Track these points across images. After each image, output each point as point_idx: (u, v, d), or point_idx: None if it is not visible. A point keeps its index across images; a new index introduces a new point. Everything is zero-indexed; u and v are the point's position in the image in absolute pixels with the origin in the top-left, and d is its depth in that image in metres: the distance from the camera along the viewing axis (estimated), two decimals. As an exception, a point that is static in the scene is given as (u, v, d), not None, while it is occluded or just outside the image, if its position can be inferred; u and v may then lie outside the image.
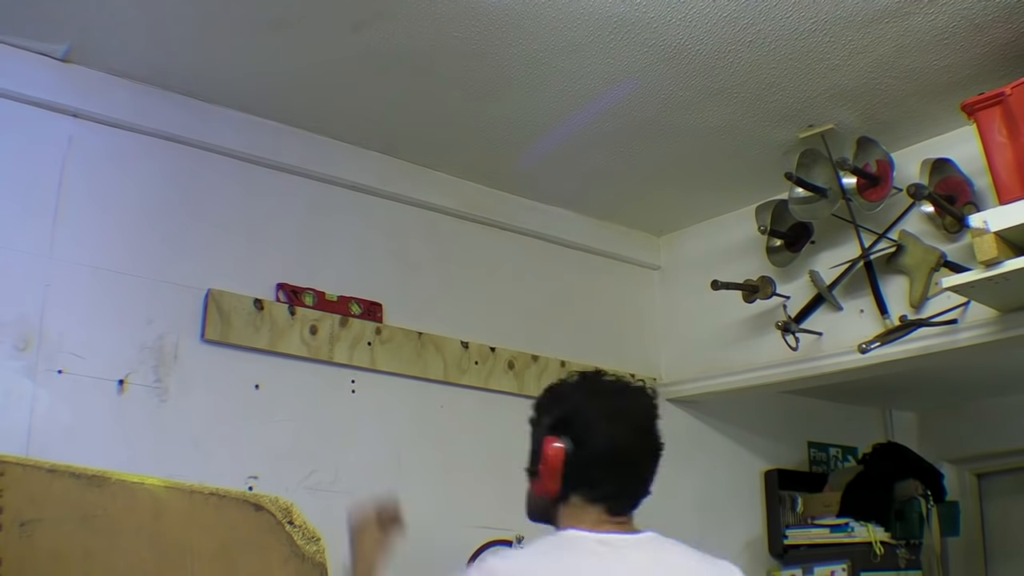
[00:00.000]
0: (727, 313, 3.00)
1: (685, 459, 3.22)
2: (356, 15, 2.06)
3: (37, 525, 1.92)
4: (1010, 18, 2.05)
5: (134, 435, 2.17)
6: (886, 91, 2.36)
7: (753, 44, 2.15)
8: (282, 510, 2.24)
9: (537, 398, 1.88)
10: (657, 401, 1.86)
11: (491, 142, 2.62)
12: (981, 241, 2.06)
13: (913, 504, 3.33)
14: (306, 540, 2.24)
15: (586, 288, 3.13)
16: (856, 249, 2.66)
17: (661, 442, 1.82)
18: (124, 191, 2.29)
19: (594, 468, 1.76)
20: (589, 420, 1.77)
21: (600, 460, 1.76)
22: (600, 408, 1.78)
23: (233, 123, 2.45)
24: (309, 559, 2.22)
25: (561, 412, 1.80)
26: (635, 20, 2.07)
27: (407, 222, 2.74)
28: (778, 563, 3.35)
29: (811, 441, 3.80)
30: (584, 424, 1.77)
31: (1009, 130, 2.10)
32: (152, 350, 2.23)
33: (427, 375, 2.65)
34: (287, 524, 2.23)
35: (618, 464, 1.77)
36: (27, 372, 2.07)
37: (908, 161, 2.55)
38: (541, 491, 1.80)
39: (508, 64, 2.24)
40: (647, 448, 1.81)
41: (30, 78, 2.18)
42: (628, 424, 1.77)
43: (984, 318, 2.37)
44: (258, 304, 2.38)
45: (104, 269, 2.21)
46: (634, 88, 2.34)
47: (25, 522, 1.90)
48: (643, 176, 2.84)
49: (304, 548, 2.23)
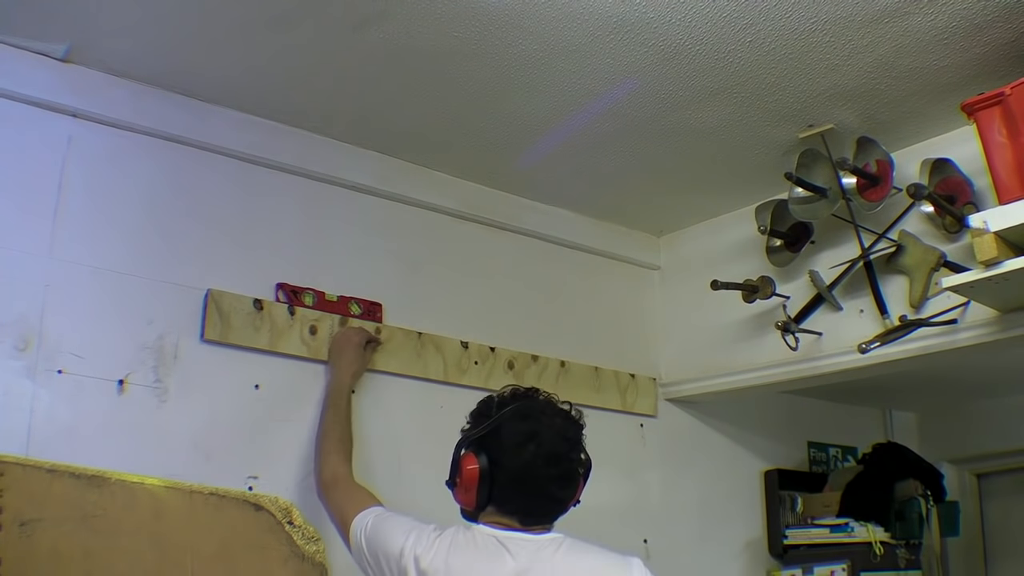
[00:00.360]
0: (727, 313, 3.00)
1: (685, 459, 3.23)
2: (356, 15, 2.06)
3: (37, 525, 1.92)
4: (1010, 18, 2.05)
5: (134, 435, 2.16)
6: (886, 91, 2.36)
7: (753, 44, 2.15)
8: (282, 510, 2.24)
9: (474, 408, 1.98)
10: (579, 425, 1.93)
11: (491, 142, 2.62)
12: (981, 241, 2.06)
13: (913, 504, 3.33)
14: (306, 540, 2.24)
15: (586, 288, 3.13)
16: (856, 249, 2.66)
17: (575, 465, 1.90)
18: (124, 191, 2.29)
19: (505, 488, 1.87)
20: (504, 443, 1.87)
21: (510, 481, 1.86)
22: (517, 432, 1.87)
23: (233, 123, 2.45)
24: (309, 559, 2.22)
25: (482, 431, 1.90)
26: (635, 20, 2.07)
27: (407, 222, 2.74)
28: (778, 563, 3.35)
29: (811, 441, 3.80)
30: (500, 446, 1.87)
31: (1009, 130, 2.10)
32: (152, 350, 2.23)
33: (427, 375, 2.65)
34: (287, 524, 2.23)
35: (526, 486, 1.86)
36: (27, 372, 2.07)
37: (908, 161, 2.55)
38: (461, 502, 1.93)
39: (508, 64, 2.24)
40: (559, 474, 1.87)
41: (30, 78, 2.18)
42: (541, 450, 1.85)
43: (984, 318, 2.37)
44: (258, 304, 2.38)
45: (104, 269, 2.21)
46: (634, 88, 2.34)
47: (25, 522, 1.90)
48: (643, 176, 2.84)
49: (304, 548, 2.23)
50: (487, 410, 1.94)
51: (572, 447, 1.89)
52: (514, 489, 1.86)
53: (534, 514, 1.88)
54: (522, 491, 1.86)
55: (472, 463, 1.87)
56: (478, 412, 1.97)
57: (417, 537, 1.86)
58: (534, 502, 1.88)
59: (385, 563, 1.88)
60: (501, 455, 1.86)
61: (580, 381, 2.96)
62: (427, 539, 1.85)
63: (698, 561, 3.15)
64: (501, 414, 1.89)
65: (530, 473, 1.84)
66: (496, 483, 1.86)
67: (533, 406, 1.91)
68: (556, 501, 1.89)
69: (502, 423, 1.88)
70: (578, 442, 1.91)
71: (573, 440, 1.90)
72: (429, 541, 1.85)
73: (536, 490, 1.86)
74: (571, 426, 1.91)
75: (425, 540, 1.85)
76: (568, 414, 1.93)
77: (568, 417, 1.92)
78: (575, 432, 1.91)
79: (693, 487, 3.21)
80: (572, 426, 1.91)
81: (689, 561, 3.12)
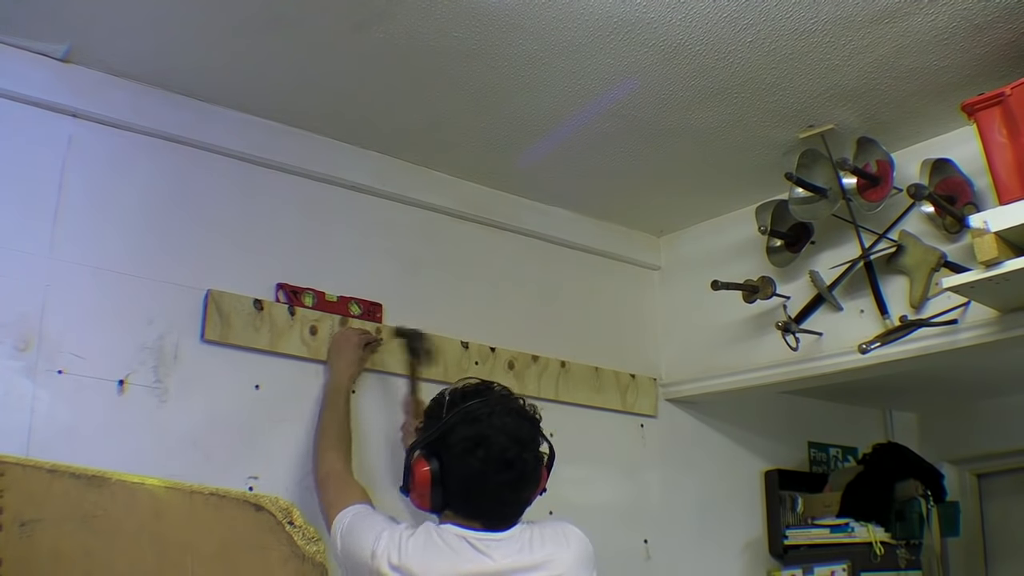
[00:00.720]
0: (727, 313, 3.00)
1: (685, 459, 3.23)
2: (356, 15, 2.06)
3: (37, 525, 1.92)
4: (1010, 18, 2.05)
5: (134, 435, 2.16)
6: (886, 91, 2.36)
7: (753, 44, 2.15)
8: (282, 510, 2.24)
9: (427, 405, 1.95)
10: (532, 421, 1.87)
11: (491, 142, 2.62)
12: (981, 241, 2.06)
13: (913, 504, 3.33)
14: (306, 540, 2.24)
15: (586, 288, 3.13)
16: (856, 249, 2.66)
17: (530, 467, 1.84)
18: (124, 191, 2.29)
19: (458, 494, 1.83)
20: (454, 447, 1.82)
21: (461, 488, 1.82)
22: (464, 436, 1.81)
23: (233, 123, 2.45)
24: (309, 559, 2.22)
25: (433, 433, 1.85)
26: (635, 20, 2.07)
27: (407, 222, 2.74)
28: (778, 563, 3.35)
29: (811, 441, 3.80)
30: (449, 450, 1.82)
31: (1009, 130, 2.10)
32: (152, 350, 2.23)
33: (427, 375, 2.64)
34: (287, 524, 2.23)
35: (480, 493, 1.82)
36: (27, 372, 2.07)
37: (908, 161, 2.55)
38: (416, 506, 1.89)
39: (508, 64, 2.24)
40: (511, 479, 1.82)
41: (30, 78, 2.18)
42: (489, 456, 1.80)
43: (984, 318, 2.37)
44: (258, 304, 2.38)
45: (104, 269, 2.21)
46: (634, 88, 2.34)
47: (25, 522, 1.90)
48: (643, 176, 2.84)
49: (304, 548, 2.23)
50: (438, 411, 1.89)
51: (524, 447, 1.84)
52: (467, 496, 1.82)
53: (493, 518, 1.84)
54: (475, 498, 1.82)
55: (423, 467, 1.83)
56: (429, 412, 1.92)
57: (389, 538, 1.82)
58: (490, 508, 1.83)
59: (355, 562, 1.84)
60: (450, 461, 1.81)
61: (580, 381, 2.96)
62: (398, 539, 1.81)
63: (698, 561, 3.16)
64: (449, 416, 1.83)
65: (481, 480, 1.80)
66: (448, 489, 1.82)
67: (481, 408, 1.84)
68: (512, 504, 1.86)
69: (451, 427, 1.82)
70: (532, 440, 1.86)
71: (526, 440, 1.85)
72: (402, 541, 1.80)
73: (489, 497, 1.82)
74: (523, 424, 1.85)
75: (397, 540, 1.81)
76: (520, 411, 1.87)
77: (520, 415, 1.86)
78: (527, 430, 1.86)
79: (693, 487, 3.21)
80: (524, 424, 1.86)
81: (689, 561, 3.12)
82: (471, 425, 1.82)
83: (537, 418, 1.89)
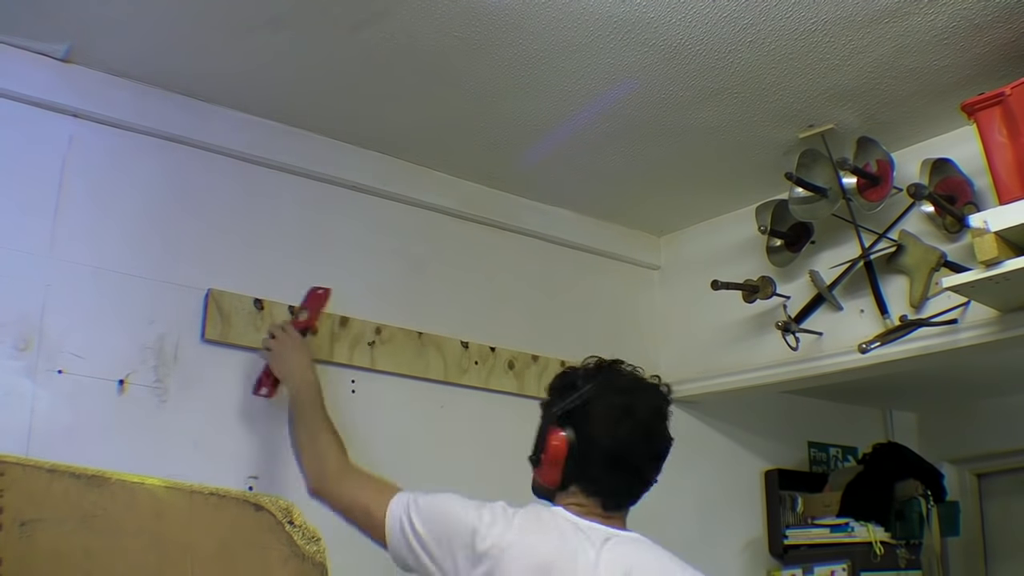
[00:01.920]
0: (727, 313, 3.00)
1: (685, 459, 3.19)
2: (356, 15, 2.06)
3: (37, 525, 1.92)
4: (1010, 18, 2.05)
5: (134, 435, 2.16)
6: (886, 91, 2.36)
7: (753, 44, 2.15)
8: (282, 510, 2.24)
9: (552, 380, 1.86)
10: (669, 399, 1.84)
11: (491, 142, 2.62)
12: (981, 241, 2.06)
13: (913, 504, 3.33)
14: (306, 540, 2.24)
15: (586, 288, 3.13)
16: (856, 249, 2.66)
17: (667, 443, 1.81)
18: (124, 191, 2.29)
19: (595, 466, 1.75)
20: (595, 417, 1.75)
21: (602, 459, 1.75)
22: (608, 406, 1.75)
23: (233, 123, 2.45)
24: (309, 559, 2.22)
25: (570, 403, 1.77)
26: (635, 20, 2.07)
27: (407, 222, 2.74)
28: (778, 563, 3.35)
29: (811, 441, 3.80)
30: (590, 420, 1.75)
31: (1009, 130, 2.10)
32: (152, 350, 2.23)
33: (427, 375, 2.65)
34: (287, 524, 2.23)
35: (620, 465, 1.75)
36: (27, 372, 2.07)
37: (908, 161, 2.55)
38: (543, 479, 1.80)
39: (508, 64, 2.24)
40: (651, 450, 1.79)
41: (30, 78, 2.18)
42: (634, 425, 1.75)
43: (984, 318, 2.37)
44: (258, 304, 2.38)
45: (104, 269, 2.21)
46: (634, 88, 2.34)
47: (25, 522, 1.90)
48: (643, 176, 2.84)
49: (304, 548, 2.23)
50: (573, 382, 1.81)
51: (663, 423, 1.80)
52: (605, 467, 1.74)
53: (620, 495, 1.77)
54: (615, 469, 1.74)
55: (559, 437, 1.74)
56: (562, 385, 1.83)
57: (492, 515, 1.72)
58: (625, 481, 1.77)
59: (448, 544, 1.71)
60: (592, 431, 1.74)
61: (580, 381, 2.96)
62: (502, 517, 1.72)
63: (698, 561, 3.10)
64: (591, 386, 1.77)
65: (626, 450, 1.73)
66: (586, 460, 1.74)
67: (627, 379, 1.80)
68: (644, 482, 1.80)
69: (594, 396, 1.75)
70: (668, 419, 1.82)
71: (665, 416, 1.80)
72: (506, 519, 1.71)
73: (629, 468, 1.75)
74: (664, 401, 1.81)
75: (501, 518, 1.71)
76: (659, 388, 1.83)
77: (660, 392, 1.83)
78: (667, 408, 1.82)
79: (693, 487, 3.21)
80: (665, 401, 1.82)
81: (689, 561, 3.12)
82: (620, 394, 1.76)
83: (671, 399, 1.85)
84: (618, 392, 1.77)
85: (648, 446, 1.78)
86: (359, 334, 2.54)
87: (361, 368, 2.53)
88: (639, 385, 1.81)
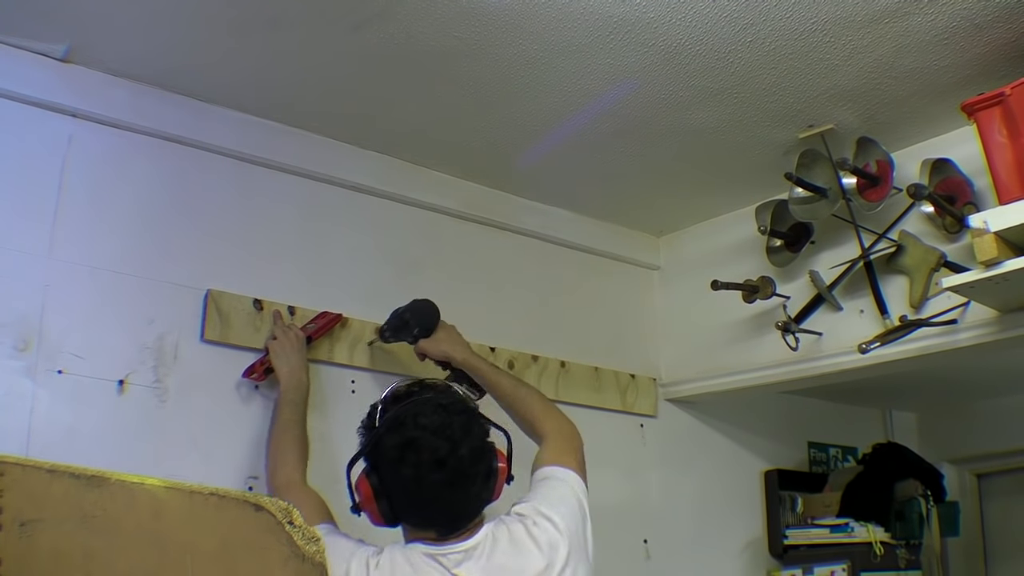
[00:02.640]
0: (727, 313, 3.00)
1: (685, 459, 3.23)
2: (356, 15, 2.06)
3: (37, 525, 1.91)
4: (1010, 18, 2.05)
5: (134, 435, 2.16)
6: (886, 91, 2.36)
7: (753, 44, 2.15)
8: (282, 510, 2.23)
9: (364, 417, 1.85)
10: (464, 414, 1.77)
11: (491, 142, 2.62)
12: (981, 241, 2.06)
13: (913, 504, 3.33)
14: (306, 540, 2.23)
15: (586, 288, 3.13)
16: (856, 249, 2.66)
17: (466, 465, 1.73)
18: (123, 191, 2.29)
19: (405, 504, 1.75)
20: (385, 457, 1.74)
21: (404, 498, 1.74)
22: (393, 444, 1.73)
23: (232, 123, 2.45)
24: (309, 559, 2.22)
25: (366, 445, 1.78)
26: (635, 20, 2.07)
27: (407, 222, 2.74)
28: (778, 563, 3.35)
29: (811, 441, 3.80)
30: (382, 461, 1.75)
31: (1009, 130, 2.10)
32: (152, 350, 2.23)
33: (427, 375, 2.64)
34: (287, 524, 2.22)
35: (423, 499, 1.73)
36: (27, 372, 2.07)
37: (908, 161, 2.55)
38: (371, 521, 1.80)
39: (508, 64, 2.24)
40: (446, 479, 1.72)
41: (30, 78, 2.18)
42: (420, 459, 1.71)
43: (984, 318, 2.37)
44: (258, 304, 2.38)
45: (103, 269, 2.21)
46: (634, 88, 2.34)
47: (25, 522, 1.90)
48: (643, 176, 2.84)
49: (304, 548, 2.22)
50: (371, 421, 1.81)
51: (457, 444, 1.72)
52: (411, 504, 1.74)
53: (446, 524, 1.75)
54: (418, 506, 1.74)
55: (364, 482, 1.76)
56: (365, 423, 1.83)
57: (358, 567, 1.73)
58: (437, 513, 1.74)
59: None
60: (386, 471, 1.74)
61: (580, 381, 2.96)
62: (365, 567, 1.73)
63: (698, 561, 3.16)
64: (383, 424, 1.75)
65: (417, 485, 1.71)
66: (394, 499, 1.74)
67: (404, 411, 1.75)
68: (459, 504, 1.75)
69: (381, 435, 1.74)
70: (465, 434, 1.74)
71: (458, 435, 1.72)
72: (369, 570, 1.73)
73: (431, 501, 1.73)
74: (451, 420, 1.73)
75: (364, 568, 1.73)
76: (448, 406, 1.76)
77: (447, 410, 1.75)
78: (459, 424, 1.74)
79: (693, 487, 3.21)
80: (453, 419, 1.74)
81: (689, 561, 3.12)
82: (398, 431, 1.73)
83: (472, 408, 1.80)
84: (400, 427, 1.73)
85: (441, 474, 1.71)
86: (359, 334, 2.54)
87: (361, 368, 2.53)
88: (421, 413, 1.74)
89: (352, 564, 1.75)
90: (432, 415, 1.74)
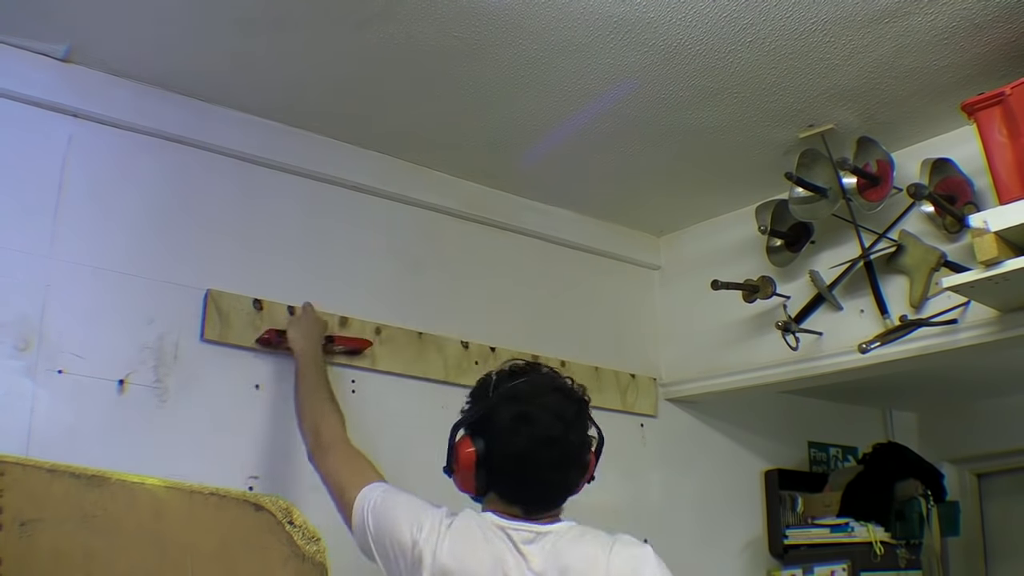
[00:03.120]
0: (727, 313, 3.00)
1: (685, 459, 3.23)
2: (357, 15, 2.06)
3: (37, 525, 1.92)
4: (1010, 18, 2.05)
5: (134, 435, 2.17)
6: (886, 91, 2.36)
7: (753, 44, 2.15)
8: (282, 510, 2.24)
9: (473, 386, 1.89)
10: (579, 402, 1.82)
11: (491, 142, 2.62)
12: (981, 241, 2.06)
13: (913, 504, 3.33)
14: (306, 540, 2.23)
15: (586, 288, 3.13)
16: (856, 249, 2.66)
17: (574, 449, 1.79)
18: (124, 191, 2.29)
19: (504, 475, 1.77)
20: (498, 426, 1.77)
21: (507, 469, 1.77)
22: (509, 415, 1.76)
23: (233, 123, 2.45)
24: (309, 559, 2.22)
25: (476, 413, 1.81)
26: (635, 20, 2.07)
27: (407, 222, 2.74)
28: (778, 563, 3.35)
29: (811, 441, 3.80)
30: (493, 429, 1.77)
31: (1009, 130, 2.10)
32: (152, 350, 2.23)
33: (427, 375, 2.65)
34: (287, 524, 2.23)
35: (526, 474, 1.76)
36: (27, 372, 2.07)
37: (908, 161, 2.55)
38: (460, 487, 1.84)
39: (508, 64, 2.24)
40: (556, 458, 1.76)
41: (30, 78, 2.18)
42: (534, 434, 1.75)
43: (984, 318, 2.37)
44: (258, 304, 2.38)
45: (104, 269, 2.21)
46: (634, 88, 2.34)
47: (25, 522, 1.90)
48: (643, 176, 2.84)
49: (304, 548, 2.22)
50: (484, 390, 1.84)
51: (569, 426, 1.77)
52: (511, 476, 1.77)
53: (536, 502, 1.78)
54: (519, 478, 1.76)
55: (468, 447, 1.78)
56: (475, 393, 1.87)
57: (430, 528, 1.75)
58: (533, 489, 1.77)
59: (391, 548, 1.77)
60: (495, 440, 1.77)
61: (580, 381, 2.93)
62: (440, 531, 1.75)
63: (698, 561, 3.15)
64: (496, 395, 1.79)
65: (525, 458, 1.74)
66: (494, 470, 1.77)
67: (524, 386, 1.79)
68: (556, 486, 1.79)
69: (496, 405, 1.78)
70: (577, 421, 1.80)
71: (570, 419, 1.78)
72: (441, 533, 1.74)
73: (533, 476, 1.75)
74: (568, 404, 1.79)
75: (437, 532, 1.74)
76: (566, 390, 1.82)
77: (565, 394, 1.81)
78: (573, 410, 1.80)
79: (693, 487, 3.21)
80: (570, 404, 1.80)
81: (689, 561, 3.10)
82: (515, 403, 1.77)
83: (585, 399, 1.84)
84: (517, 400, 1.77)
85: (547, 452, 1.75)
86: (359, 334, 2.54)
87: (361, 368, 2.53)
88: (540, 391, 1.79)
89: (425, 520, 1.77)
90: (550, 395, 1.79)
